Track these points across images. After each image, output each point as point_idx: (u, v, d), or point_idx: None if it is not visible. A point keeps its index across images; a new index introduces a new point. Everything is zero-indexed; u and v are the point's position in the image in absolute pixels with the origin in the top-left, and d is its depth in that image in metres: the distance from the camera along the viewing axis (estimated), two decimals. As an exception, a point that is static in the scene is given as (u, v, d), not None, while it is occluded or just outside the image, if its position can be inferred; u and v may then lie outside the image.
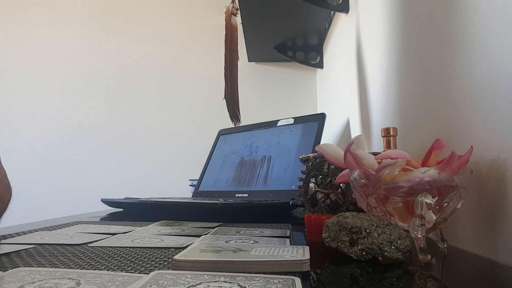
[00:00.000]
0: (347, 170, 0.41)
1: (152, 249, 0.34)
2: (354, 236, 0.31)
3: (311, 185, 0.54)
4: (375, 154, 0.40)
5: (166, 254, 0.32)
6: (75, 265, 0.28)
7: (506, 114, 0.34)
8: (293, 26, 1.32)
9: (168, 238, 0.40)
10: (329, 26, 1.33)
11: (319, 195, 0.51)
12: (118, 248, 0.35)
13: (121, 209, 0.84)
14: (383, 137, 0.50)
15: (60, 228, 0.49)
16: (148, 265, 0.28)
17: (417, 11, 0.56)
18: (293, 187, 0.82)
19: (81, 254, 0.32)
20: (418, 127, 0.55)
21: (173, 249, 0.35)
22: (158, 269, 0.27)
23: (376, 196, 0.35)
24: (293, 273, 0.25)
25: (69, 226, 0.51)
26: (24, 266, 0.27)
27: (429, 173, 0.32)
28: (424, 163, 0.37)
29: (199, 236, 0.41)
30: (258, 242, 0.36)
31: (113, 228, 0.49)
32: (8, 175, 0.43)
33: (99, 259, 0.30)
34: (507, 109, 0.34)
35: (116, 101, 1.69)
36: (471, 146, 0.35)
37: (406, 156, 0.36)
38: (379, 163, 0.36)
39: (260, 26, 1.30)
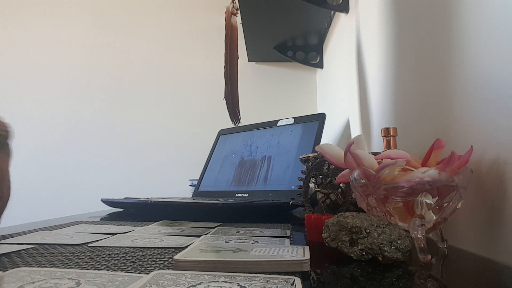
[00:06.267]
0: (347, 170, 0.41)
1: (152, 249, 0.34)
2: (354, 236, 0.31)
3: (311, 185, 0.54)
4: (375, 154, 0.40)
5: (166, 254, 0.32)
6: (75, 265, 0.28)
7: (506, 114, 0.34)
8: (293, 26, 1.32)
9: (168, 238, 0.40)
10: (329, 26, 1.33)
11: (319, 195, 0.51)
12: (118, 248, 0.35)
13: (121, 209, 0.84)
14: (383, 137, 0.50)
15: (60, 228, 0.49)
16: (148, 265, 0.28)
17: (416, 11, 0.56)
18: (293, 187, 0.82)
19: (81, 254, 0.32)
20: (418, 127, 0.55)
21: (173, 249, 0.35)
22: (158, 269, 0.27)
23: (376, 196, 0.35)
24: (293, 273, 0.25)
25: (69, 226, 0.51)
26: (24, 266, 0.27)
27: (429, 173, 0.32)
28: (424, 163, 0.37)
29: (199, 236, 0.41)
30: (258, 242, 0.36)
31: (113, 228, 0.49)
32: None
33: (99, 259, 0.30)
34: (507, 109, 0.34)
35: (116, 101, 1.69)
36: (471, 146, 0.35)
37: (406, 156, 0.36)
38: (379, 163, 0.36)
39: (260, 26, 1.30)
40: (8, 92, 1.68)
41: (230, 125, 1.13)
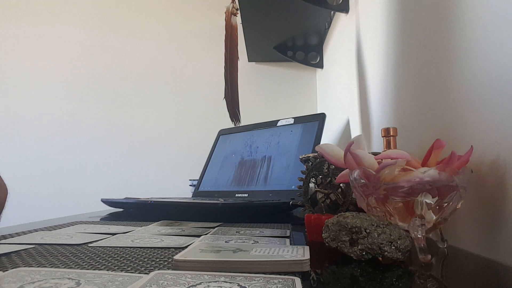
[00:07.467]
0: (347, 170, 0.41)
1: (152, 249, 0.34)
2: (354, 236, 0.31)
3: (311, 185, 0.54)
4: (375, 154, 0.40)
5: (166, 254, 0.32)
6: (75, 265, 0.28)
7: (506, 114, 0.34)
8: (293, 26, 1.32)
9: (168, 238, 0.40)
10: (329, 26, 1.33)
11: (319, 195, 0.51)
12: (118, 248, 0.35)
13: (121, 209, 0.84)
14: (383, 137, 0.50)
15: (60, 228, 0.49)
16: (148, 265, 0.28)
17: (416, 11, 0.56)
18: (293, 187, 0.82)
19: (81, 254, 0.32)
20: (418, 127, 0.55)
21: (173, 249, 0.35)
22: (158, 269, 0.27)
23: (376, 196, 0.35)
24: (293, 273, 0.25)
25: (69, 226, 0.51)
26: (24, 266, 0.27)
27: (429, 173, 0.32)
28: (424, 163, 0.37)
29: (199, 236, 0.41)
30: (258, 242, 0.36)
31: (113, 228, 0.49)
32: (8, 175, 0.43)
33: (99, 259, 0.30)
34: (507, 109, 0.34)
35: (116, 101, 1.69)
36: (471, 146, 0.35)
37: (406, 156, 0.36)
38: (379, 163, 0.36)
39: (260, 26, 1.30)
40: (8, 92, 1.68)
41: (230, 125, 1.13)
